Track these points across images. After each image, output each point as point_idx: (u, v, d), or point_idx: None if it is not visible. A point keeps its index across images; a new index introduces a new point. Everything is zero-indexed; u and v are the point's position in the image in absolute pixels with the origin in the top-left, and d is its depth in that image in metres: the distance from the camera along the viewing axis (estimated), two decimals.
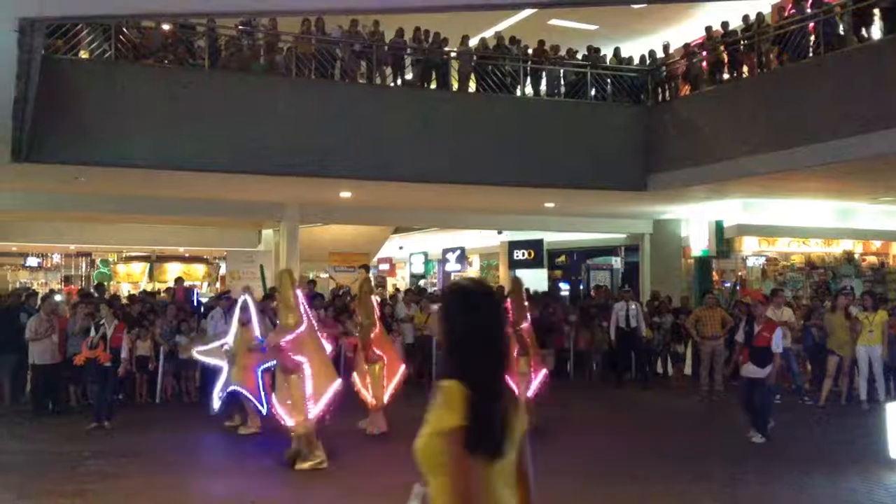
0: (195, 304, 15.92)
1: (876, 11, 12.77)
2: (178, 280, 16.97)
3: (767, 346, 9.98)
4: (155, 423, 11.23)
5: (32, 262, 33.08)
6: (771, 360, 10.07)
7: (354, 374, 10.67)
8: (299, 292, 8.91)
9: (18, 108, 9.64)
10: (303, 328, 8.57)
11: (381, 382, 10.23)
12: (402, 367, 10.80)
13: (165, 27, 13.57)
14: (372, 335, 10.24)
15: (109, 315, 10.91)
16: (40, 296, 14.24)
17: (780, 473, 8.44)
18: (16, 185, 15.04)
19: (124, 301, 15.25)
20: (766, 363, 10.02)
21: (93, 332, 10.80)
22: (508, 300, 10.73)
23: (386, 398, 10.28)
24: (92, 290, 15.34)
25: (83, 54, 13.00)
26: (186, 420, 11.41)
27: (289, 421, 8.60)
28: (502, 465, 2.29)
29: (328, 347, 9.62)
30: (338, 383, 8.96)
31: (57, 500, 7.45)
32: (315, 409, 8.52)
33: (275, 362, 9.11)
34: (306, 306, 9.07)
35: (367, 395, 10.32)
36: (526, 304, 11.23)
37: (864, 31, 13.02)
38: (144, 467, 8.67)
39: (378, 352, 10.28)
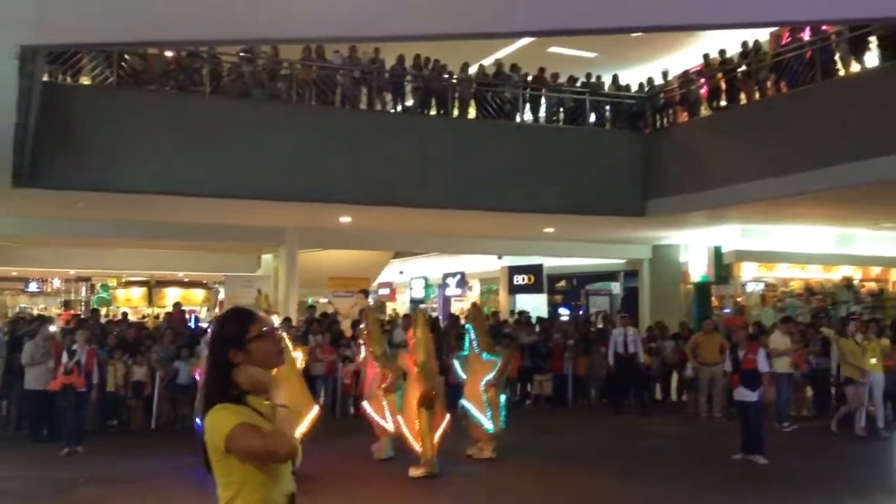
0: (192, 326, 15.94)
1: (872, 39, 12.86)
2: (176, 305, 16.95)
3: (755, 367, 10.10)
4: (150, 449, 11.18)
5: (33, 286, 33.11)
6: (760, 382, 10.20)
7: (365, 403, 10.68)
8: (275, 318, 8.91)
9: (19, 134, 9.69)
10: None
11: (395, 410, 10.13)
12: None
13: (168, 54, 13.68)
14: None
15: (83, 340, 10.96)
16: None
17: (779, 501, 8.39)
18: (16, 210, 15.08)
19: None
20: (757, 385, 10.16)
21: (64, 358, 10.84)
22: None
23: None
24: (85, 316, 15.29)
25: (85, 80, 13.12)
26: (181, 446, 11.31)
27: None
28: None
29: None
30: (315, 410, 9.00)
31: None
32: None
33: None
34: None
35: (385, 423, 10.22)
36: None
37: (860, 59, 13.12)
38: (138, 494, 8.60)
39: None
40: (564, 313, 22.65)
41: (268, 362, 2.77)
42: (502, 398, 10.67)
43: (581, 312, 22.17)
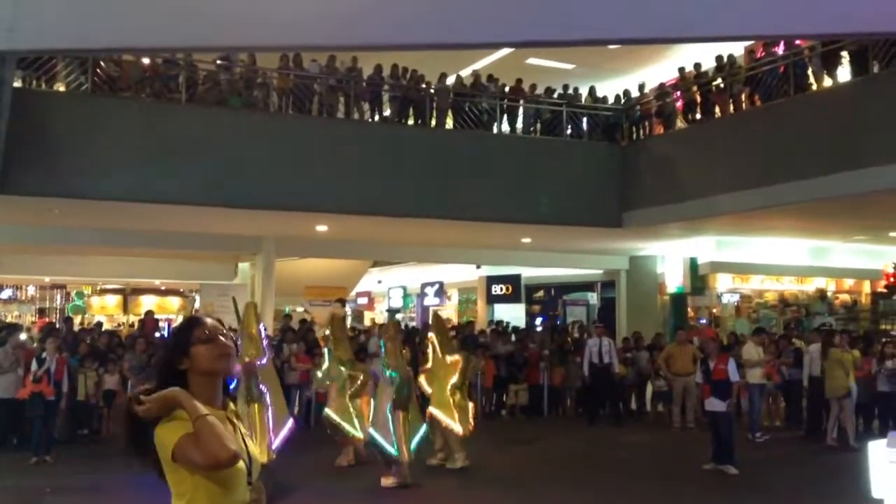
0: (166, 334, 15.80)
1: (844, 55, 13.04)
2: (149, 313, 16.81)
3: (725, 378, 10.21)
4: (120, 459, 11.00)
5: (7, 293, 32.67)
6: (731, 392, 10.37)
7: (328, 410, 10.53)
8: (262, 326, 8.89)
9: None
10: (264, 361, 8.56)
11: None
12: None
13: (145, 61, 13.61)
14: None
15: (53, 349, 10.87)
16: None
17: None
18: None
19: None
20: (728, 395, 10.30)
21: (35, 366, 10.74)
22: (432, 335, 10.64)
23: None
24: (59, 324, 15.13)
25: (59, 87, 13.02)
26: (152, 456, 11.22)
27: None
28: None
29: None
30: (290, 421, 8.95)
31: None
32: (276, 443, 8.49)
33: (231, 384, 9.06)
34: (267, 341, 9.08)
35: (354, 429, 10.20)
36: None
37: (832, 74, 13.29)
38: None
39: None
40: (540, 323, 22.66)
41: (210, 367, 2.74)
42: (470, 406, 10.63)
43: (559, 322, 22.21)
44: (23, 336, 12.11)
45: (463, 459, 10.21)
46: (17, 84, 12.48)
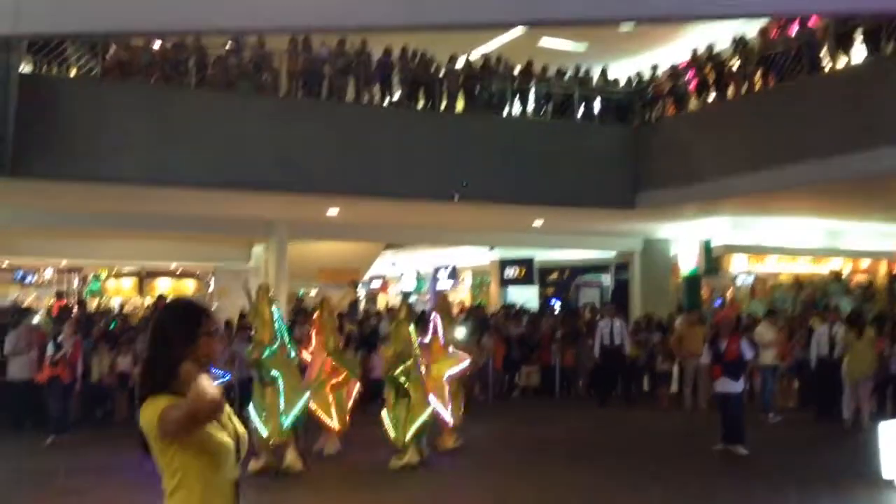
0: None
1: (858, 34, 12.86)
2: (160, 297, 16.93)
3: (738, 358, 10.14)
4: (132, 440, 11.09)
5: (25, 277, 32.97)
6: (744, 372, 10.34)
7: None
8: (275, 309, 8.94)
9: None
10: (276, 344, 8.63)
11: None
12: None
13: (155, 45, 13.62)
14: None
15: (70, 332, 10.99)
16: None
17: (758, 490, 8.42)
18: (3, 201, 15.01)
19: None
20: (739, 375, 10.24)
21: (50, 349, 10.85)
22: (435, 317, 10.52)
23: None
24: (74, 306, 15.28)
25: (71, 71, 13.07)
26: None
27: (263, 431, 8.66)
28: None
29: None
30: (306, 396, 9.00)
31: None
32: (287, 421, 8.59)
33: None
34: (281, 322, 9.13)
35: (330, 420, 10.03)
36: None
37: (847, 53, 13.12)
38: (118, 485, 8.61)
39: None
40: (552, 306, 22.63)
41: (210, 358, 2.84)
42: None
43: (557, 302, 22.10)
44: (35, 319, 12.22)
45: (453, 441, 10.24)
46: (28, 69, 12.56)
